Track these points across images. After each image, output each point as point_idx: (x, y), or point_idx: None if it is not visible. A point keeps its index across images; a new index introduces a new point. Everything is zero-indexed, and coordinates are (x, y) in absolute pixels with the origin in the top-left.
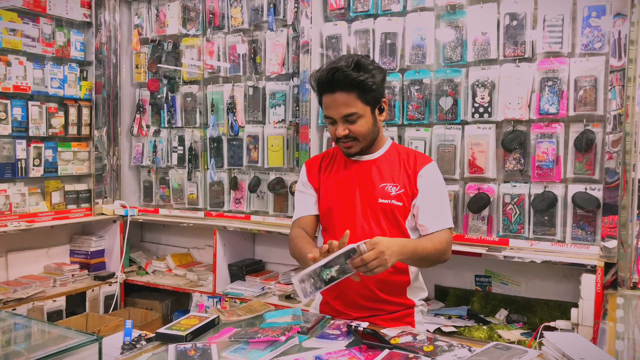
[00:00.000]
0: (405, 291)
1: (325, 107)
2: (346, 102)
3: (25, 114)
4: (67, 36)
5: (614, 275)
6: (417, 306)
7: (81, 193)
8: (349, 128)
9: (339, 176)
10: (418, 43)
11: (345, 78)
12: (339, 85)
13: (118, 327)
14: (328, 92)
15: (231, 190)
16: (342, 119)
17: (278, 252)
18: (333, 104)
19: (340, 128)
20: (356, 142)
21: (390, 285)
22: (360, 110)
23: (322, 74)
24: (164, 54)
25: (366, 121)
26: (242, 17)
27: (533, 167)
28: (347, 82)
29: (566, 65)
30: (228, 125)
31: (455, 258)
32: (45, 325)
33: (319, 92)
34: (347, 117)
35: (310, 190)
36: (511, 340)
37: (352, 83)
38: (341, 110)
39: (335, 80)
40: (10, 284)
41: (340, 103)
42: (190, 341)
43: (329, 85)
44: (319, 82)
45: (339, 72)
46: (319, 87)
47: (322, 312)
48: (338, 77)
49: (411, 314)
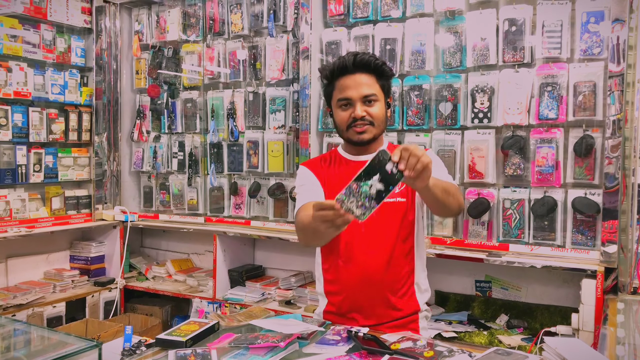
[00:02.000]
0: (413, 289)
1: (343, 89)
2: (367, 83)
3: (26, 120)
4: (67, 42)
5: (614, 280)
6: (421, 311)
7: (81, 199)
8: (366, 110)
9: (340, 177)
10: (417, 49)
11: (368, 60)
12: (360, 66)
13: (118, 333)
14: (347, 74)
15: (231, 196)
16: (362, 99)
17: (278, 257)
18: (353, 84)
19: (359, 108)
20: (371, 127)
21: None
22: (378, 93)
23: (344, 57)
24: (164, 60)
25: (381, 107)
26: (242, 23)
27: (533, 172)
28: (369, 64)
29: (565, 70)
30: (228, 131)
31: (456, 263)
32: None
33: (336, 76)
34: (367, 97)
35: (316, 181)
36: (512, 345)
37: (374, 65)
38: (361, 90)
39: (357, 62)
40: (10, 289)
41: (361, 83)
42: (191, 347)
43: (352, 66)
44: (340, 64)
45: (360, 55)
46: (339, 69)
47: (325, 319)
48: (360, 59)
49: (415, 320)
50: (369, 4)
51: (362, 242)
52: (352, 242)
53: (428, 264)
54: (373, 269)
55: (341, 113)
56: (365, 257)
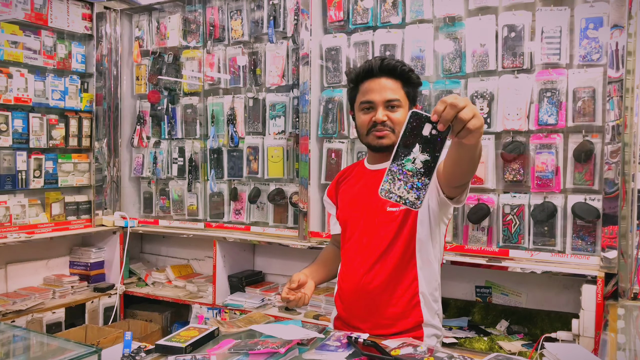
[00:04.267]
0: (417, 300)
1: (367, 92)
2: (391, 88)
3: (26, 126)
4: (68, 48)
5: (615, 285)
6: (425, 324)
7: (81, 204)
8: (388, 114)
9: (354, 186)
10: (417, 55)
11: (395, 65)
12: (386, 71)
13: (117, 338)
14: (372, 78)
15: (231, 201)
16: (384, 103)
17: (278, 263)
18: (378, 88)
19: (380, 112)
20: (391, 134)
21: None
22: (402, 99)
23: (370, 61)
24: (165, 66)
25: (404, 113)
26: (242, 29)
27: (532, 178)
28: (396, 70)
29: (564, 76)
30: (228, 137)
31: (456, 269)
32: (45, 337)
33: (361, 80)
34: (390, 102)
35: (331, 206)
36: (512, 351)
37: (400, 71)
38: (385, 94)
39: (384, 66)
40: (9, 295)
41: (386, 87)
42: (190, 353)
43: (378, 70)
44: (367, 68)
45: (387, 59)
46: (365, 72)
47: (336, 327)
48: (387, 64)
49: (420, 337)
50: (369, 11)
51: (360, 251)
52: (352, 251)
53: None
54: (367, 279)
55: (362, 116)
56: (360, 266)
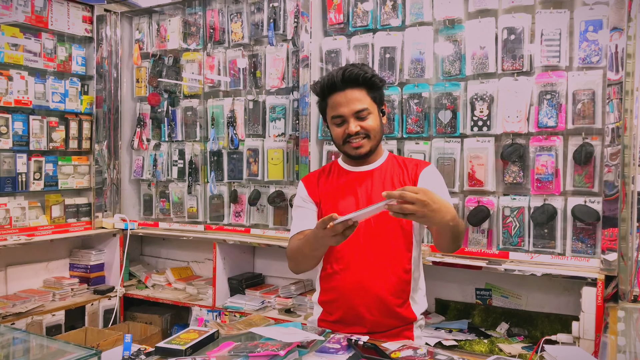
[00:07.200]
0: (408, 298)
1: (335, 106)
2: (357, 98)
3: (26, 128)
4: (68, 51)
5: (615, 288)
6: (417, 321)
7: (81, 207)
8: (360, 124)
9: (339, 187)
10: (417, 57)
11: (357, 74)
12: (350, 82)
13: (117, 341)
14: (338, 91)
15: (231, 204)
16: (354, 115)
17: (278, 265)
18: (345, 101)
19: (352, 124)
20: (367, 140)
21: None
22: (369, 106)
23: (333, 73)
24: (165, 69)
25: (375, 118)
26: (242, 32)
27: (532, 180)
28: (358, 79)
29: (564, 78)
30: (228, 139)
31: (456, 271)
32: (44, 340)
33: (327, 94)
34: (359, 112)
35: (311, 204)
36: (512, 354)
37: (363, 79)
38: (353, 106)
39: (346, 78)
40: (9, 298)
41: (352, 99)
42: (190, 355)
43: (341, 83)
44: (329, 82)
45: (349, 69)
46: (329, 87)
47: (320, 327)
48: (349, 74)
49: (410, 329)
50: (369, 13)
51: (360, 250)
52: (350, 250)
53: (428, 271)
54: (370, 276)
55: (336, 129)
56: (362, 265)
